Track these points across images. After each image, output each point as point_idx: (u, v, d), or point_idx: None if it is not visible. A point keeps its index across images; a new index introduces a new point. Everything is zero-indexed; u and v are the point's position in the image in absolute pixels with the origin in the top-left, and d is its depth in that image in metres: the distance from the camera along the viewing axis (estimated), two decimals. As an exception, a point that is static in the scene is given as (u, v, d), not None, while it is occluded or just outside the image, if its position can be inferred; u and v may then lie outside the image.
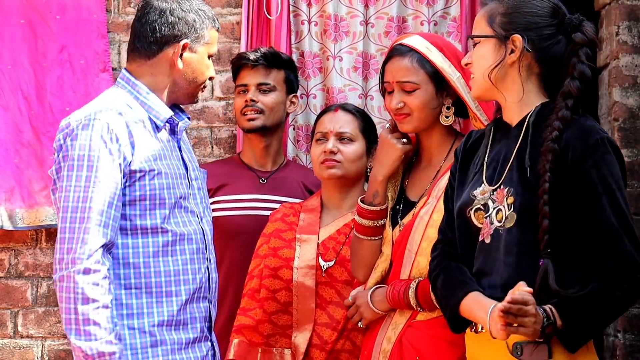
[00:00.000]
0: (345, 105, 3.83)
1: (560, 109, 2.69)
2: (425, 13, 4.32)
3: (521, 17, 2.75)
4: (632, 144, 3.89)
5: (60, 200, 2.81)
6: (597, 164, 2.63)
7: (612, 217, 2.62)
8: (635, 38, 3.92)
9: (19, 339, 4.28)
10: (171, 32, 2.95)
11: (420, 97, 3.27)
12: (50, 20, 4.25)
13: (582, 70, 2.71)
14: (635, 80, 3.91)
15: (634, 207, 3.89)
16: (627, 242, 2.61)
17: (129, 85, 2.98)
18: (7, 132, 4.24)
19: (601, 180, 2.63)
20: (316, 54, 4.33)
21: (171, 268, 2.89)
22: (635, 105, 3.91)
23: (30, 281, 4.28)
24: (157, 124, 2.95)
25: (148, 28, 2.97)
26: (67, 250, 2.76)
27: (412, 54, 3.29)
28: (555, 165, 2.65)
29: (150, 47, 2.97)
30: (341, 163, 3.65)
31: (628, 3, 3.92)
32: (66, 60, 4.26)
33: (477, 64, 2.80)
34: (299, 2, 4.32)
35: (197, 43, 2.97)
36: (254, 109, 3.94)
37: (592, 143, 2.64)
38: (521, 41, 2.73)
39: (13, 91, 4.24)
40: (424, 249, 3.16)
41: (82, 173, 2.78)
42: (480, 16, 2.82)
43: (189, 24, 2.96)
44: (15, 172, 4.23)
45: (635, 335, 3.84)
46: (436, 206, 3.18)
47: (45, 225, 4.23)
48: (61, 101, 4.25)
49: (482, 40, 2.79)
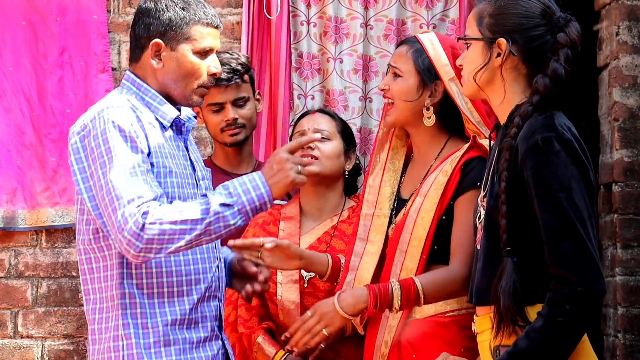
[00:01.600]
0: (324, 109, 3.89)
1: (525, 104, 2.65)
2: (425, 16, 4.32)
3: (507, 19, 2.71)
4: (632, 144, 3.89)
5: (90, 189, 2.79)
6: (535, 165, 2.55)
7: (550, 219, 2.53)
8: (635, 38, 3.92)
9: (19, 339, 4.28)
10: (146, 33, 2.92)
11: (400, 84, 3.30)
12: (51, 22, 4.25)
13: (554, 68, 2.64)
14: (635, 80, 3.91)
15: (634, 207, 3.89)
16: (567, 246, 2.51)
17: (134, 86, 2.96)
18: (10, 133, 4.24)
19: (538, 182, 2.54)
20: (315, 55, 4.33)
21: (183, 268, 2.87)
22: (635, 105, 3.91)
23: (30, 281, 4.28)
24: (164, 124, 2.93)
25: (132, 32, 2.97)
26: (118, 229, 2.71)
27: (413, 45, 3.33)
28: (511, 165, 2.61)
29: (135, 51, 2.97)
30: (319, 160, 3.66)
31: (628, 3, 3.92)
32: (67, 62, 4.26)
33: (466, 66, 2.78)
34: (298, 3, 4.32)
35: (175, 41, 2.91)
36: (237, 126, 3.88)
37: (532, 144, 2.56)
38: (506, 45, 2.69)
39: (15, 93, 4.25)
40: (413, 247, 3.18)
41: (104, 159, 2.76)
42: (471, 16, 2.80)
43: (163, 23, 2.91)
44: (18, 173, 4.24)
45: (635, 335, 3.84)
46: (422, 204, 3.19)
47: (46, 226, 4.24)
48: (62, 103, 4.25)
49: (472, 41, 2.78)
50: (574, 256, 2.50)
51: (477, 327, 2.74)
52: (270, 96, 4.26)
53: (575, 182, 2.54)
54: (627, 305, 3.86)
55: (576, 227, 2.51)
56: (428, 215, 3.17)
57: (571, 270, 2.50)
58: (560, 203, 2.52)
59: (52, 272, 4.28)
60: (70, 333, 4.27)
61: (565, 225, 2.51)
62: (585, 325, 2.52)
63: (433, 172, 3.25)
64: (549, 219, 2.53)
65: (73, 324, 4.27)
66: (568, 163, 2.55)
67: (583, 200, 2.54)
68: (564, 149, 2.55)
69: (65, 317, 4.27)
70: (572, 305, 2.49)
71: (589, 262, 2.51)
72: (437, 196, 3.17)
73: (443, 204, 3.18)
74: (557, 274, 2.51)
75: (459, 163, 3.19)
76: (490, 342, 2.64)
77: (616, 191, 3.90)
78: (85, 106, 4.23)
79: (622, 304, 3.84)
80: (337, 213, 3.74)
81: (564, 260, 2.51)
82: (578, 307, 2.49)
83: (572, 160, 2.56)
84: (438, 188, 3.18)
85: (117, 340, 2.83)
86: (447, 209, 3.18)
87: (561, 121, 2.60)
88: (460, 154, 3.21)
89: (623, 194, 3.89)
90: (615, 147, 3.89)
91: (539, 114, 2.61)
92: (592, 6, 4.14)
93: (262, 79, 4.28)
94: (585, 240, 2.51)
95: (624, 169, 3.88)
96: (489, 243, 2.65)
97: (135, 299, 2.82)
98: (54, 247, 4.28)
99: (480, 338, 2.72)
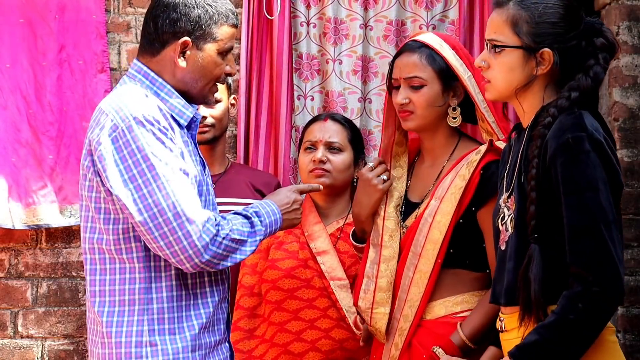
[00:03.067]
0: (334, 114, 3.87)
1: (561, 98, 2.64)
2: (424, 16, 4.32)
3: (550, 28, 2.68)
4: (632, 144, 3.89)
5: (132, 194, 2.70)
6: (564, 163, 2.55)
7: (575, 217, 2.53)
8: (635, 38, 3.92)
9: (19, 339, 4.28)
10: (172, 29, 2.83)
11: (426, 94, 3.21)
12: (49, 20, 4.25)
13: (597, 72, 2.65)
14: (635, 80, 3.92)
15: (634, 207, 3.90)
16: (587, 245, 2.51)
17: (147, 79, 2.87)
18: (6, 130, 4.23)
19: (566, 180, 2.55)
20: (314, 56, 4.33)
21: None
22: (635, 105, 3.92)
23: (30, 281, 4.28)
24: (181, 123, 2.86)
25: (152, 24, 2.86)
26: (180, 251, 2.69)
27: (423, 50, 3.24)
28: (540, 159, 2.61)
29: (153, 44, 2.86)
30: (330, 172, 3.69)
31: (628, 3, 3.93)
32: (65, 60, 4.26)
33: (501, 73, 2.73)
34: (298, 4, 4.32)
35: (202, 40, 2.84)
36: (204, 125, 3.88)
37: (562, 142, 2.56)
38: (552, 56, 2.67)
39: (12, 90, 4.24)
40: (428, 250, 3.13)
41: (154, 172, 2.70)
42: (501, 20, 2.73)
43: (192, 21, 2.82)
44: (13, 170, 4.22)
45: (635, 335, 3.85)
46: (439, 207, 3.14)
47: (43, 224, 4.22)
48: (60, 101, 4.25)
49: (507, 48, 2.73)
50: (593, 256, 2.51)
51: (507, 324, 2.72)
52: (271, 97, 4.26)
53: (603, 183, 2.55)
54: (627, 306, 3.87)
55: (599, 228, 2.51)
56: (445, 218, 3.12)
57: (589, 269, 2.50)
58: (586, 202, 2.53)
59: (52, 272, 4.28)
60: (70, 333, 4.27)
61: (589, 224, 2.52)
62: (597, 326, 2.52)
63: (447, 174, 3.19)
64: (573, 217, 2.54)
65: (73, 324, 4.27)
66: (597, 164, 2.55)
67: (609, 202, 2.55)
68: (594, 149, 2.56)
69: (65, 317, 4.27)
70: (585, 303, 2.49)
71: (608, 263, 2.51)
72: (455, 200, 3.12)
73: (461, 208, 3.13)
74: (575, 272, 2.52)
75: (477, 167, 3.13)
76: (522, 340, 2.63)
77: (616, 191, 3.90)
78: (83, 105, 4.24)
79: (622, 304, 3.84)
80: (343, 216, 3.76)
81: (583, 258, 2.51)
82: (591, 306, 2.49)
83: (601, 161, 2.56)
84: (456, 192, 3.13)
85: (139, 346, 2.75)
86: (464, 213, 3.14)
87: (590, 121, 2.60)
88: (478, 157, 3.15)
89: (623, 194, 3.88)
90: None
91: (567, 113, 2.61)
92: (592, 6, 4.15)
93: (262, 79, 4.28)
94: (607, 242, 2.51)
95: (624, 169, 3.89)
96: (521, 243, 2.64)
97: (163, 304, 2.76)
98: (54, 247, 4.28)
99: (509, 336, 2.71)
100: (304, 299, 3.63)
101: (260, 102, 4.27)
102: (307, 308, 3.63)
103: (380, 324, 3.21)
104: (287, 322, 3.63)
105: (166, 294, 2.77)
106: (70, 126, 4.24)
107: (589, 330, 2.52)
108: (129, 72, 2.90)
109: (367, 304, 3.25)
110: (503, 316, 2.74)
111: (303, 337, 3.61)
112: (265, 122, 4.26)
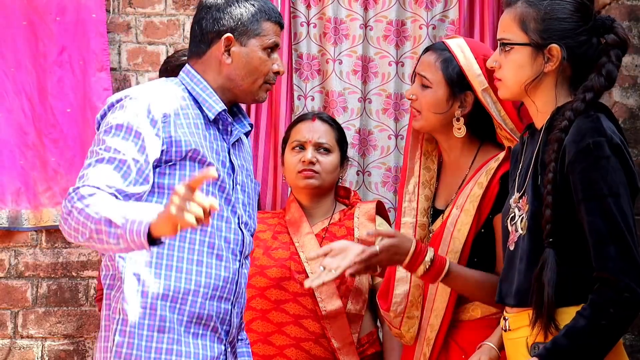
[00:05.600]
0: (321, 114, 3.88)
1: (576, 101, 2.64)
2: (424, 17, 4.32)
3: (557, 24, 2.69)
4: (632, 144, 3.90)
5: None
6: (585, 168, 2.56)
7: (598, 223, 2.54)
8: (635, 38, 3.93)
9: (19, 339, 4.27)
10: (215, 27, 2.90)
11: (428, 96, 3.20)
12: (50, 21, 4.25)
13: (610, 70, 2.66)
14: (635, 80, 3.92)
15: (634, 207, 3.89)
16: (613, 250, 2.52)
17: (187, 77, 2.94)
18: (13, 134, 4.24)
19: (587, 186, 2.55)
20: (314, 56, 4.32)
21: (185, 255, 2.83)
22: (635, 105, 3.92)
23: (30, 281, 4.28)
24: (209, 116, 2.89)
25: (197, 27, 2.94)
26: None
27: (442, 53, 3.21)
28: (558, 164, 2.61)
29: (199, 46, 2.94)
30: (319, 174, 3.69)
31: (628, 3, 3.93)
32: (66, 62, 4.26)
33: (511, 71, 2.74)
34: (298, 4, 4.32)
35: (245, 36, 2.90)
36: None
37: (582, 147, 2.57)
38: (560, 51, 2.67)
39: (17, 93, 4.25)
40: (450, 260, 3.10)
41: (95, 148, 2.77)
42: (510, 18, 2.74)
43: (234, 18, 2.90)
44: (21, 173, 4.24)
45: (635, 335, 3.85)
46: (459, 217, 3.12)
47: (49, 226, 4.24)
48: (62, 103, 4.25)
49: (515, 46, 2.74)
50: (620, 260, 2.52)
51: (512, 324, 2.73)
52: (271, 97, 4.26)
53: (623, 188, 2.57)
54: (627, 305, 3.86)
55: (623, 233, 2.53)
56: (464, 228, 3.11)
57: (617, 274, 2.51)
58: (609, 207, 2.54)
59: (52, 272, 4.28)
60: (70, 333, 4.27)
61: (613, 230, 2.53)
62: (624, 330, 2.56)
63: (468, 183, 3.17)
64: (596, 223, 2.54)
65: (73, 324, 4.27)
66: (617, 168, 2.57)
67: (629, 206, 2.57)
68: (614, 153, 2.57)
69: (65, 317, 4.27)
70: (616, 309, 2.51)
71: (634, 268, 2.52)
72: (473, 209, 3.11)
73: (480, 217, 3.11)
74: (602, 277, 2.53)
75: (495, 176, 3.11)
76: (528, 339, 2.63)
77: (616, 191, 3.90)
78: (85, 106, 4.24)
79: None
80: (328, 216, 3.75)
81: (610, 263, 2.52)
82: (622, 311, 2.52)
83: (621, 165, 2.58)
84: (474, 201, 3.11)
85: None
86: (485, 222, 3.12)
87: (608, 124, 2.62)
88: (496, 165, 3.13)
89: (623, 194, 3.90)
90: (615, 147, 3.90)
91: (584, 116, 2.61)
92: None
93: (262, 79, 4.28)
94: (632, 246, 2.53)
95: (624, 169, 3.89)
96: (534, 245, 2.65)
97: (138, 273, 2.85)
98: (54, 247, 4.28)
99: (514, 335, 2.72)
100: (290, 314, 3.62)
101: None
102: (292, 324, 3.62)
103: (413, 330, 3.20)
104: (271, 335, 3.62)
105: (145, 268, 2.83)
106: (73, 128, 4.24)
107: (618, 334, 2.56)
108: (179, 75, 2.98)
109: (400, 308, 3.22)
110: (508, 315, 2.74)
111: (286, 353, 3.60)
112: (265, 122, 4.26)
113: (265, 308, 3.63)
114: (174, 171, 2.82)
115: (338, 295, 3.60)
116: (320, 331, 3.60)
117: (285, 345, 3.60)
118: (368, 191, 4.27)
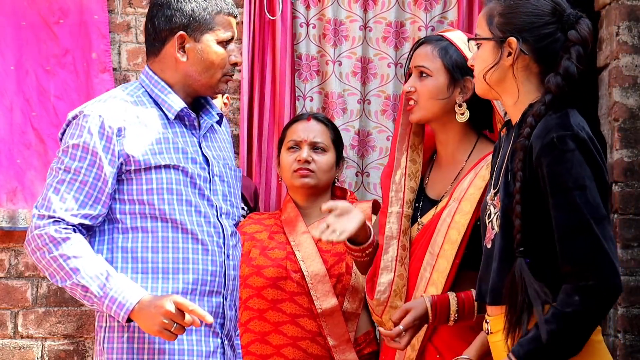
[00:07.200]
0: (316, 114, 3.90)
1: (538, 103, 2.63)
2: (423, 18, 4.33)
3: (517, 17, 2.67)
4: (632, 144, 3.90)
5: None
6: (550, 163, 2.53)
7: (564, 217, 2.51)
8: (635, 38, 3.93)
9: (19, 339, 4.27)
10: (168, 25, 2.90)
11: (429, 85, 3.22)
12: (52, 24, 4.25)
13: (566, 66, 2.62)
14: (635, 80, 3.92)
15: (634, 207, 3.90)
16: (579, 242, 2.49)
17: (147, 78, 2.95)
18: (11, 132, 4.24)
19: (553, 180, 2.53)
20: (314, 57, 4.33)
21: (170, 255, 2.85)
22: (635, 105, 3.92)
23: (30, 281, 4.28)
24: (169, 116, 2.91)
25: (150, 25, 2.94)
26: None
27: (438, 43, 3.25)
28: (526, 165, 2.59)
29: (154, 44, 2.94)
30: (315, 173, 3.71)
31: (628, 3, 3.93)
32: (70, 64, 4.26)
33: (477, 65, 2.75)
34: (297, 4, 4.32)
35: (199, 32, 2.90)
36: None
37: (547, 142, 2.54)
38: (516, 44, 2.66)
39: (16, 92, 4.25)
40: (446, 251, 3.12)
41: (56, 166, 2.86)
42: (481, 16, 2.77)
43: (185, 14, 2.88)
44: (18, 172, 4.24)
45: (635, 335, 3.85)
46: (458, 208, 3.13)
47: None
48: (66, 104, 4.24)
49: (483, 41, 2.76)
50: (586, 252, 2.49)
51: (492, 327, 2.72)
52: (273, 97, 4.26)
53: (589, 180, 2.53)
54: (627, 306, 3.87)
55: (590, 225, 2.49)
56: (464, 219, 3.11)
57: (584, 266, 2.48)
58: (574, 201, 2.51)
59: (52, 272, 4.28)
60: (70, 333, 4.27)
61: (579, 222, 2.50)
62: (594, 320, 2.50)
63: (467, 175, 3.18)
64: (562, 217, 2.52)
65: (73, 324, 4.27)
66: (582, 162, 2.53)
67: (597, 199, 2.53)
68: (578, 147, 2.54)
69: (65, 317, 4.27)
70: (581, 296, 2.47)
71: (603, 259, 2.49)
72: (474, 200, 3.11)
73: (479, 209, 3.07)
74: (569, 272, 2.50)
75: None
76: (508, 342, 2.62)
77: (616, 191, 3.90)
78: (87, 107, 4.25)
79: (622, 304, 3.85)
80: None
81: (576, 255, 2.49)
82: (588, 299, 2.47)
83: (586, 159, 2.54)
84: (475, 192, 3.11)
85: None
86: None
87: (576, 120, 2.59)
88: None
89: (623, 194, 3.90)
90: (615, 148, 3.90)
91: (553, 112, 2.60)
92: (592, 6, 4.16)
93: (264, 79, 4.28)
94: (600, 238, 2.49)
95: (624, 169, 3.89)
96: (506, 243, 2.62)
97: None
98: (53, 247, 4.28)
99: (494, 338, 2.70)
100: (287, 313, 3.63)
101: (263, 103, 4.27)
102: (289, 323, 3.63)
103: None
104: (268, 334, 3.63)
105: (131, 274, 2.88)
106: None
107: (586, 324, 2.50)
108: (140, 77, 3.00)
109: (383, 297, 3.22)
110: (489, 318, 2.73)
111: (283, 352, 3.61)
112: (268, 123, 4.26)
113: (262, 308, 3.64)
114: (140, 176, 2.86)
115: (333, 294, 3.62)
116: (316, 330, 3.61)
117: (282, 344, 3.62)
118: (367, 192, 4.28)
